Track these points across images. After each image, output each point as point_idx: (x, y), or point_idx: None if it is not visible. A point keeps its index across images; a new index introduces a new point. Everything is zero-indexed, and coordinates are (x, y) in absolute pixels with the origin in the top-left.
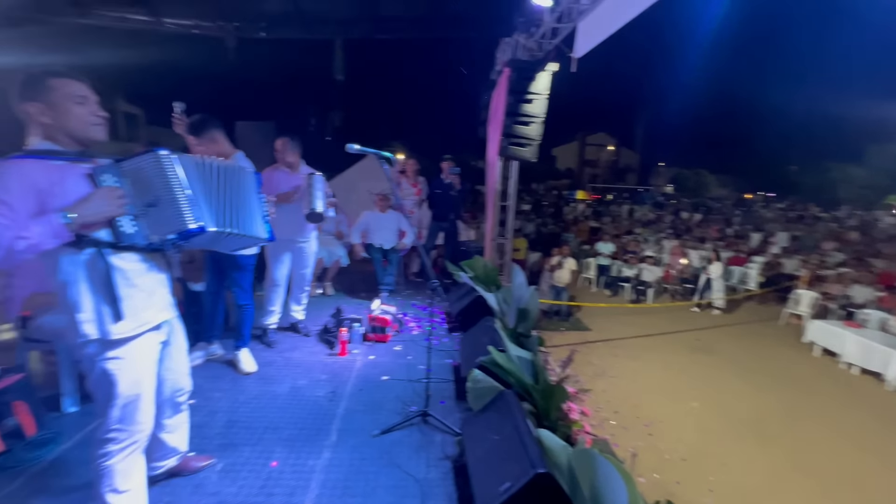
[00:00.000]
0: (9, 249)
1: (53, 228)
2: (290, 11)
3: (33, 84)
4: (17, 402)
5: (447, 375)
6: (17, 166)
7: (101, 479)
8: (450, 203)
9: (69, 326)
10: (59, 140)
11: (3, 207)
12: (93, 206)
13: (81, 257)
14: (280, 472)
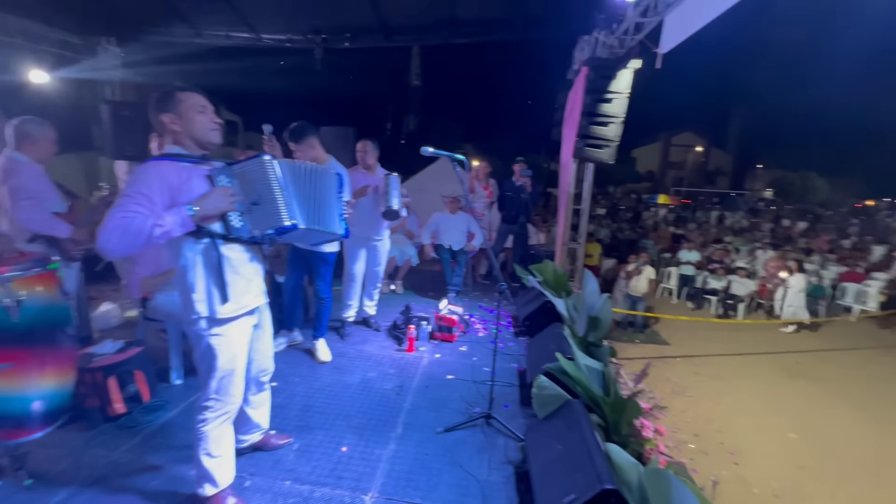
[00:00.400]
0: (148, 234)
1: (181, 219)
2: (373, 22)
3: (166, 98)
4: (137, 371)
5: (512, 380)
6: (156, 167)
7: (198, 443)
8: (520, 206)
9: (185, 304)
10: (185, 145)
11: (145, 200)
12: (211, 201)
13: (199, 246)
14: (349, 457)
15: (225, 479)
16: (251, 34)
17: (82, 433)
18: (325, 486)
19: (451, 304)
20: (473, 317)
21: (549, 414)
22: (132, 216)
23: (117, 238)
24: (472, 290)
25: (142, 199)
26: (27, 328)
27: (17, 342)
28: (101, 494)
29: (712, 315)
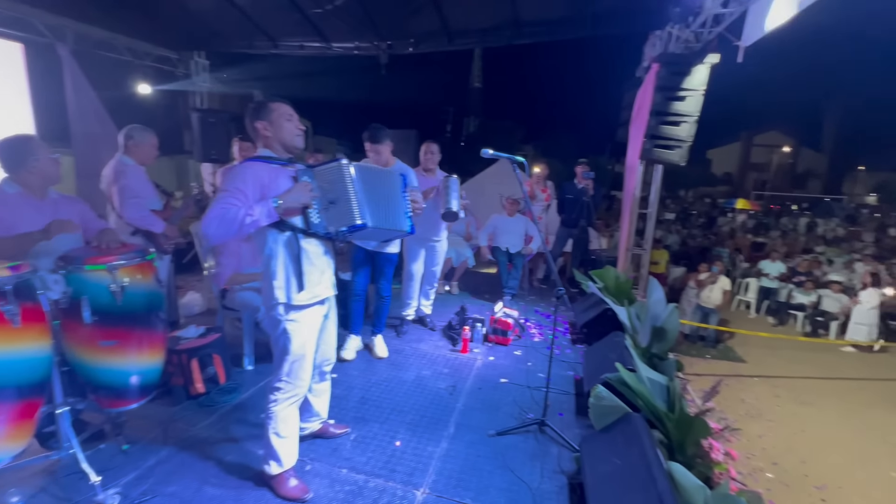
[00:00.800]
0: (241, 223)
1: (268, 210)
2: (436, 26)
3: (260, 108)
4: (215, 355)
5: (567, 388)
6: (251, 167)
7: (268, 422)
8: (581, 209)
9: (266, 291)
10: (274, 148)
11: (240, 194)
12: (293, 196)
13: (282, 237)
14: (402, 451)
15: (289, 460)
16: (323, 43)
17: (169, 407)
18: (379, 477)
19: (506, 307)
20: (529, 321)
21: (607, 426)
22: (229, 207)
23: (216, 225)
24: (529, 294)
25: (238, 193)
26: (129, 311)
27: (121, 322)
28: (184, 463)
29: (798, 333)
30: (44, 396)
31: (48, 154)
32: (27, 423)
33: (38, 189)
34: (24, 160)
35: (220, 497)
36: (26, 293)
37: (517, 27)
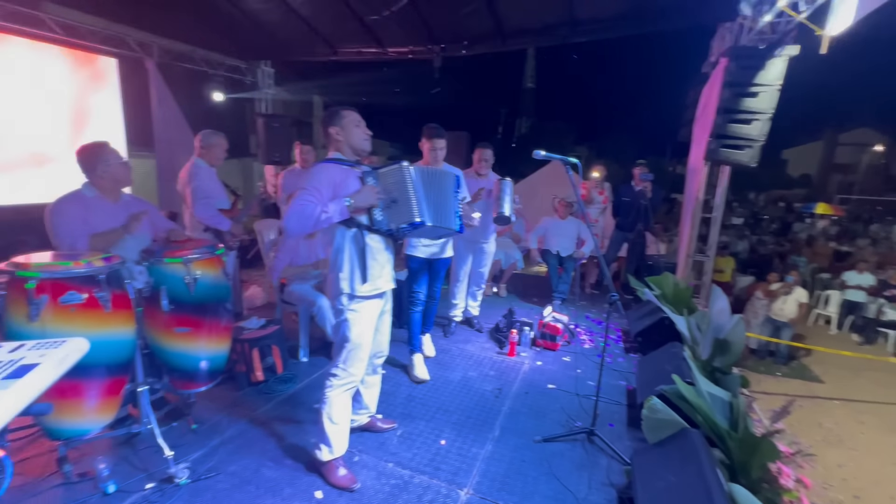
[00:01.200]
0: (316, 218)
1: (340, 208)
2: (490, 27)
3: (333, 115)
4: (274, 346)
5: (619, 398)
6: (326, 168)
7: (323, 406)
8: (638, 212)
9: (332, 282)
10: (344, 152)
11: (316, 192)
12: (362, 196)
13: (349, 233)
14: (447, 450)
15: (340, 448)
16: (379, 49)
17: (232, 392)
18: (424, 474)
19: (555, 311)
20: (579, 327)
21: (662, 440)
22: (306, 204)
23: (296, 220)
24: (580, 299)
25: (315, 192)
26: (200, 301)
27: (193, 311)
28: (244, 445)
29: (889, 353)
30: (128, 375)
31: (118, 160)
32: (114, 399)
33: (111, 192)
34: (95, 166)
35: (275, 479)
36: (116, 282)
37: (573, 25)
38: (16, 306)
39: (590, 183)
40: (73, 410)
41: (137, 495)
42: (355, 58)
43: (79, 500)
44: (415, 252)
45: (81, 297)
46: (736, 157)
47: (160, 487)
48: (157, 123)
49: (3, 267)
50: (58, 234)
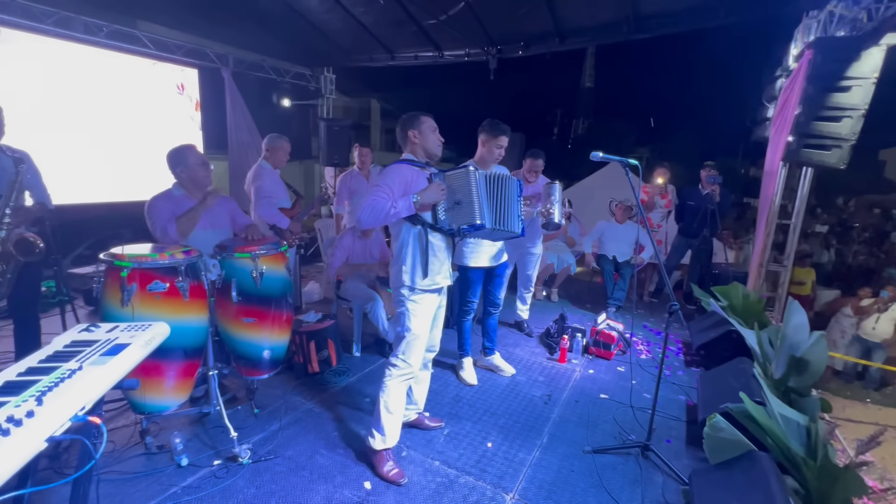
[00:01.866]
0: (387, 213)
1: (408, 204)
2: (548, 27)
3: (413, 119)
4: (329, 339)
5: (677, 413)
6: (399, 168)
7: (381, 394)
8: (704, 217)
9: (394, 274)
10: (417, 154)
11: (388, 189)
12: (428, 194)
13: (414, 230)
14: (493, 453)
15: (392, 439)
16: (435, 52)
17: (290, 381)
18: (470, 475)
19: (610, 319)
20: (635, 336)
21: (725, 462)
22: (378, 199)
23: (368, 213)
24: (637, 307)
25: (387, 188)
26: (265, 294)
27: (259, 303)
28: (300, 432)
29: None
30: (200, 359)
31: (197, 162)
32: (188, 380)
33: (193, 190)
34: (176, 166)
35: (327, 467)
36: (193, 273)
37: (637, 21)
38: (111, 292)
39: (651, 186)
40: (154, 388)
41: (206, 470)
42: (412, 62)
43: (157, 470)
44: (470, 262)
45: (165, 285)
46: (821, 158)
47: (226, 465)
48: (230, 128)
49: (102, 257)
50: (153, 223)
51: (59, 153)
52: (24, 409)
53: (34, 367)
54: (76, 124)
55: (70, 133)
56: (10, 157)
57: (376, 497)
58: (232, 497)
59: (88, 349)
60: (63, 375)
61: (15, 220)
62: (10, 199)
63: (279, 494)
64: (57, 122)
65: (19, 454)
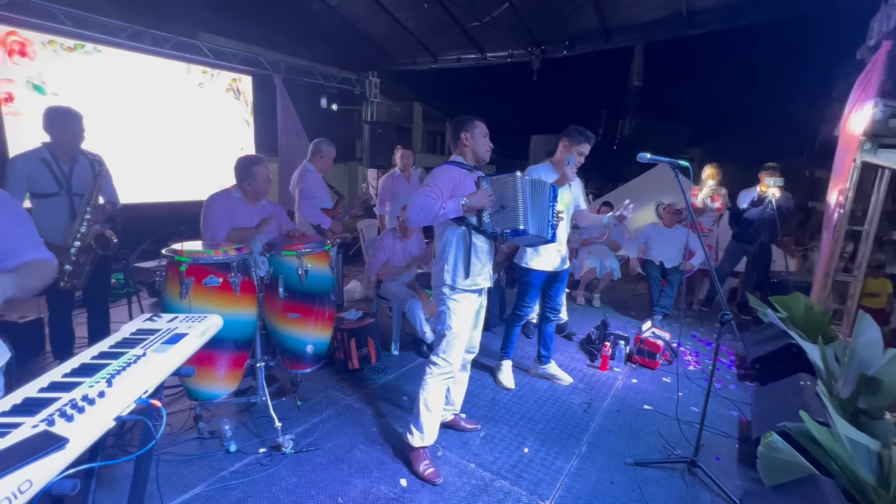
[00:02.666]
0: (435, 213)
1: (456, 206)
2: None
3: (466, 122)
4: (369, 337)
5: (728, 430)
6: (448, 169)
7: (421, 391)
8: (763, 222)
9: (436, 273)
10: (466, 157)
11: (438, 190)
12: (476, 198)
13: (459, 231)
14: (530, 459)
15: (430, 437)
16: (478, 54)
17: (331, 377)
18: (505, 479)
19: (655, 327)
20: (682, 346)
21: (782, 485)
22: (428, 199)
23: (418, 211)
24: (685, 315)
25: (437, 189)
26: (310, 291)
27: (303, 300)
28: (340, 426)
29: None
30: (249, 351)
31: (264, 176)
32: (237, 371)
33: (252, 198)
34: (244, 178)
35: (365, 461)
36: (244, 269)
37: (689, 16)
38: (171, 284)
39: (702, 188)
40: (208, 376)
41: (252, 457)
42: (455, 64)
43: (208, 454)
44: (534, 264)
45: (218, 280)
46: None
47: (270, 453)
48: (280, 131)
49: (164, 252)
50: (206, 222)
51: (126, 156)
52: (97, 390)
53: (105, 352)
54: (141, 129)
55: (135, 137)
56: (89, 159)
57: (411, 495)
58: (275, 484)
59: (151, 337)
60: (129, 360)
61: (93, 217)
62: (90, 199)
63: (319, 485)
64: (124, 127)
65: (93, 430)
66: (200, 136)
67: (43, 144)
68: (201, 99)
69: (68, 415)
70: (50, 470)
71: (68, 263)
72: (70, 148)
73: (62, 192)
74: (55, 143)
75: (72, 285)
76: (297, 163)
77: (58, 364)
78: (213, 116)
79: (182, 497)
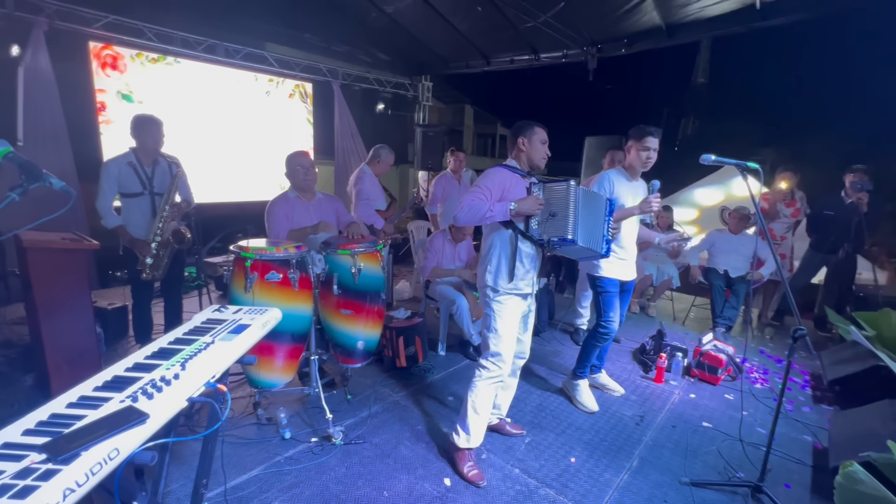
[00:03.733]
0: (483, 214)
1: (504, 209)
2: (654, 22)
3: (526, 127)
4: (417, 337)
5: (801, 456)
6: (499, 172)
7: (470, 393)
8: (847, 230)
9: (481, 275)
10: (521, 161)
11: (487, 192)
12: (526, 204)
13: (505, 234)
14: (577, 469)
15: (476, 439)
16: (531, 55)
17: (379, 373)
18: (551, 488)
19: (718, 339)
20: (748, 362)
21: None
22: (476, 201)
23: (466, 212)
24: (753, 329)
25: (486, 191)
26: (362, 288)
27: (356, 297)
28: (387, 422)
29: None
30: (304, 344)
31: (305, 168)
32: (293, 362)
33: (303, 193)
34: (286, 171)
35: (410, 458)
36: (302, 266)
37: (762, 7)
38: (237, 279)
39: (773, 192)
40: (267, 366)
41: (305, 445)
42: (507, 66)
43: (265, 439)
44: (606, 273)
45: (279, 276)
46: None
47: (321, 443)
48: (337, 135)
49: (231, 248)
50: (269, 226)
51: (199, 158)
52: (173, 372)
53: (180, 339)
54: (213, 133)
55: (208, 141)
56: (168, 162)
57: (455, 495)
58: (325, 473)
59: (219, 327)
60: (200, 347)
61: (171, 214)
62: (168, 198)
63: (366, 477)
64: (198, 131)
65: (169, 408)
66: (266, 140)
67: (130, 149)
68: (267, 105)
69: (149, 393)
70: (133, 441)
71: (150, 257)
72: (152, 151)
73: (145, 192)
74: (140, 148)
75: (152, 276)
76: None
77: (139, 347)
78: (278, 122)
79: (241, 478)
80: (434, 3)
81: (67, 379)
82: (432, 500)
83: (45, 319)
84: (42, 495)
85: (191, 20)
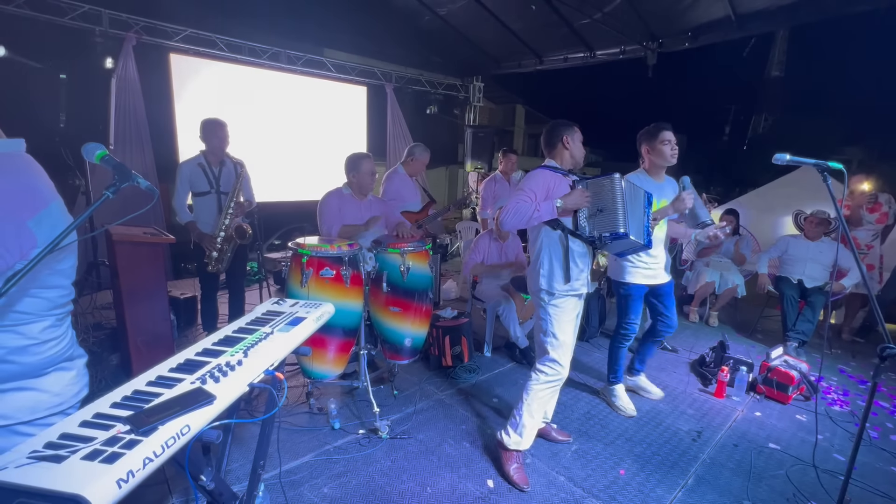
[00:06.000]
0: (529, 216)
1: (551, 208)
2: (721, 13)
3: (567, 126)
4: (463, 336)
5: (888, 489)
6: (542, 174)
7: (526, 395)
8: None
9: (532, 277)
10: (564, 160)
11: (532, 194)
12: (571, 198)
13: (554, 234)
14: (626, 482)
15: (526, 441)
16: (586, 53)
17: (424, 371)
18: (598, 499)
19: (789, 354)
20: (825, 381)
21: None
22: (522, 203)
23: (511, 215)
24: (831, 345)
25: (531, 193)
26: (410, 287)
27: (404, 295)
28: (431, 419)
29: None
30: (354, 339)
31: (368, 170)
32: (344, 356)
33: (358, 193)
34: (349, 171)
35: (454, 456)
36: (354, 264)
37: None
38: (294, 274)
39: (854, 196)
40: (319, 358)
41: (352, 436)
42: (561, 65)
43: (316, 428)
44: (630, 278)
45: (332, 272)
46: None
47: (368, 435)
48: (389, 136)
49: (290, 245)
50: (321, 219)
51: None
52: (236, 359)
53: (242, 328)
54: (273, 135)
55: (269, 142)
56: (233, 163)
57: (497, 497)
58: (371, 465)
59: (277, 318)
60: (260, 337)
61: (235, 212)
62: (233, 197)
63: (410, 472)
64: (260, 133)
65: (232, 391)
66: (322, 142)
67: (200, 151)
68: (325, 108)
69: (215, 377)
70: (202, 420)
71: (215, 251)
72: (219, 153)
73: (213, 190)
74: (208, 150)
75: (217, 269)
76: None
77: (206, 335)
78: (335, 124)
79: (294, 462)
80: (487, 2)
81: (145, 360)
82: (475, 501)
83: (128, 305)
84: (126, 461)
85: (260, 29)
